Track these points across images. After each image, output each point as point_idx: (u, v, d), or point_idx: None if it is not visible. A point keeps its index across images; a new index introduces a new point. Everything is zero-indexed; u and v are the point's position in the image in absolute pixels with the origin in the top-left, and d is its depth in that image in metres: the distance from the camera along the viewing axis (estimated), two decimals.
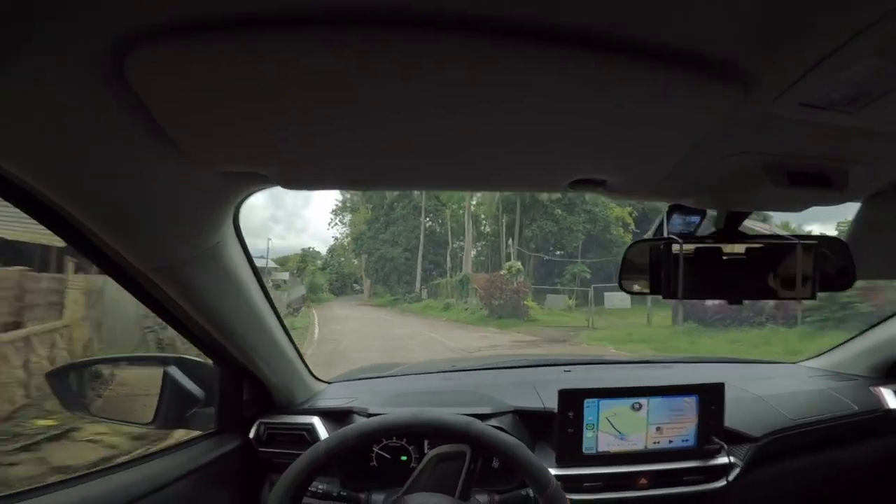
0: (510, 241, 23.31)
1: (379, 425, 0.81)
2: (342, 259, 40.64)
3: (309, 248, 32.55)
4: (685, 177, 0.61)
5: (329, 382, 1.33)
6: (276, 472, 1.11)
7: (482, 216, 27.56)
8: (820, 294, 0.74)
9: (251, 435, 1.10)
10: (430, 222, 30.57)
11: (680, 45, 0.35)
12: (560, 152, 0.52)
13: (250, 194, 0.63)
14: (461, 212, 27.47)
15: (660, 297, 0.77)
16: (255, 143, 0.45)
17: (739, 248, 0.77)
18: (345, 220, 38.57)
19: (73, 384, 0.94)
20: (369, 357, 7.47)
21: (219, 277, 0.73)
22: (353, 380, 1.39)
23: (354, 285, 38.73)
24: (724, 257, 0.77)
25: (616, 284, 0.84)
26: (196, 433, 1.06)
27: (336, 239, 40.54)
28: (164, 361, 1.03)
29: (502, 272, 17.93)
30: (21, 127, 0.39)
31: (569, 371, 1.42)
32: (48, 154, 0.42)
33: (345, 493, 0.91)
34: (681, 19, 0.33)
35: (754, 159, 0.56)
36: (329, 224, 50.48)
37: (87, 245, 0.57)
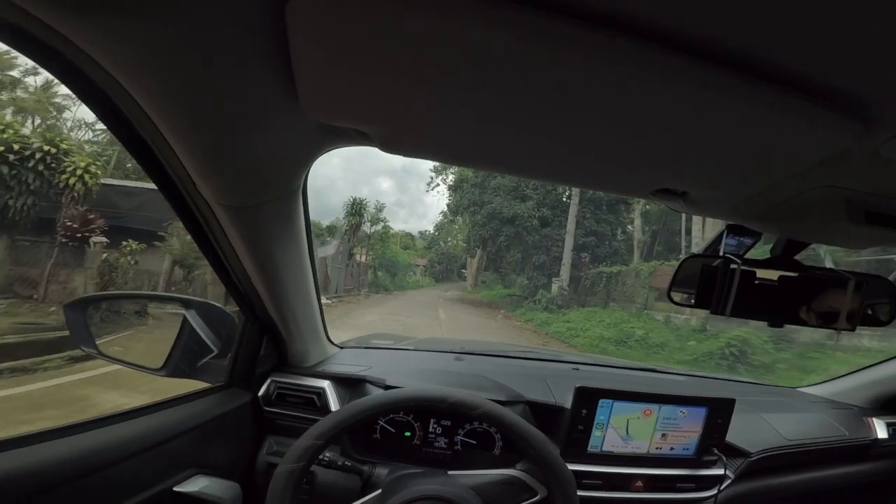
0: None
1: (495, 414, 0.80)
2: (450, 238, 31.79)
3: (358, 197, 22.06)
4: (765, 201, 0.61)
5: (341, 347, 1.31)
6: (276, 434, 1.09)
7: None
8: None
9: (260, 392, 1.07)
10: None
11: (807, 73, 0.35)
12: (655, 160, 0.52)
13: (336, 148, 0.61)
14: None
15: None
16: (375, 102, 0.44)
17: (792, 275, 0.79)
18: (447, 179, 24.45)
19: (88, 318, 0.88)
20: None
21: (282, 225, 0.72)
22: (365, 348, 1.38)
23: (462, 270, 30.51)
24: (775, 282, 0.79)
25: None
26: (204, 385, 1.03)
27: (443, 213, 28.98)
28: (186, 304, 0.98)
29: None
30: (161, 46, 0.37)
31: (577, 370, 1.44)
32: (174, 81, 0.41)
33: (349, 464, 0.90)
34: (814, 50, 0.33)
35: (838, 194, 0.56)
36: (428, 185, 36.29)
37: (161, 173, 0.56)
